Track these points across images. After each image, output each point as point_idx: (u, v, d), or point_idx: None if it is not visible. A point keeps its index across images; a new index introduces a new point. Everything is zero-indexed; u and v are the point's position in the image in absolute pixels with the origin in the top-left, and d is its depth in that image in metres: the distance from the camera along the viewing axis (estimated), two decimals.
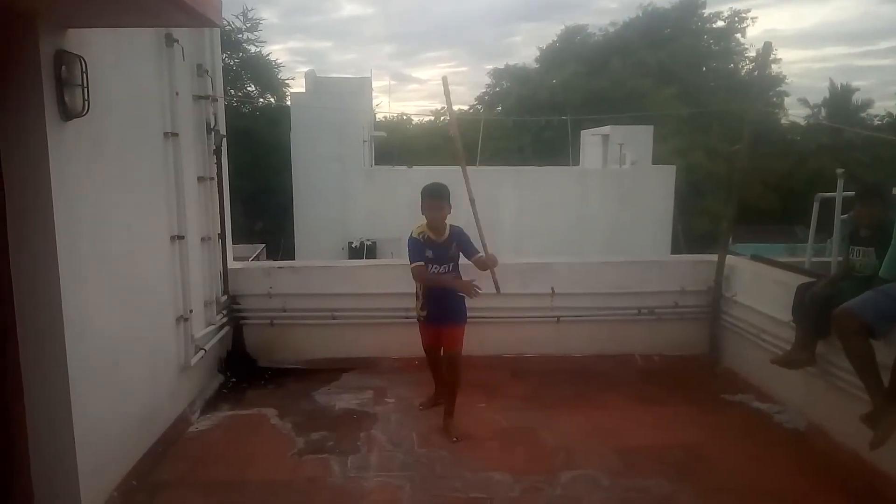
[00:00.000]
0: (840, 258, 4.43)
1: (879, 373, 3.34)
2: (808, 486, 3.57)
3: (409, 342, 4.80)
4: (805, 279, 4.39)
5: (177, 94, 4.23)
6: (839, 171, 6.52)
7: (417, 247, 4.11)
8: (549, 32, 68.48)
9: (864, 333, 3.40)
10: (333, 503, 3.43)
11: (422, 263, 4.10)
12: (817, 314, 3.86)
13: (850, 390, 3.69)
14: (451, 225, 4.20)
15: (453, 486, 3.54)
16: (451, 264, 4.21)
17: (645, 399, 4.82)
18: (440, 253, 4.14)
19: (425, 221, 4.16)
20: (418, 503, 3.41)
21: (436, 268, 4.14)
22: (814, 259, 6.76)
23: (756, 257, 5.65)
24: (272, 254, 17.41)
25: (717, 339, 5.55)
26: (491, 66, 51.71)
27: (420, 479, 3.62)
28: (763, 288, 4.96)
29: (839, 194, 6.15)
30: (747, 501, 3.45)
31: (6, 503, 2.92)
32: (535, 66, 36.12)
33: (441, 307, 4.22)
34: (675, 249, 15.60)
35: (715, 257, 5.56)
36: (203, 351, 4.64)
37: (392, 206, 14.29)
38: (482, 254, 4.23)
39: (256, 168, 20.71)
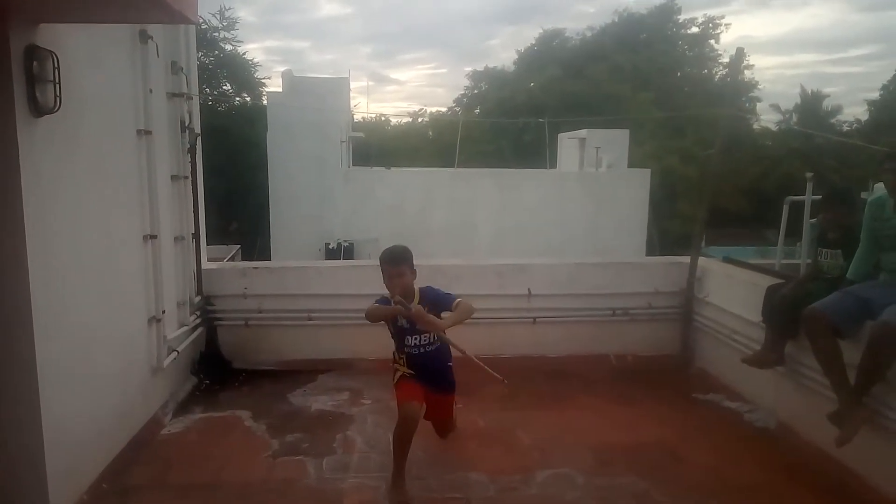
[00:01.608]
0: (809, 260, 4.53)
1: (846, 372, 3.42)
2: (777, 482, 3.64)
3: (386, 343, 4.78)
4: (775, 281, 4.47)
5: (151, 91, 4.17)
6: (808, 175, 6.69)
7: (382, 300, 3.53)
8: (527, 36, 68.96)
9: (831, 333, 3.48)
10: None
11: (377, 305, 3.52)
12: (787, 315, 3.94)
13: (818, 389, 3.78)
14: (420, 288, 3.56)
15: (429, 487, 3.54)
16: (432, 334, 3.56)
17: (619, 398, 4.87)
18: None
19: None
20: None
21: (416, 338, 3.54)
22: (783, 261, 6.92)
23: (728, 259, 5.74)
24: (248, 255, 17.21)
25: (689, 340, 5.63)
26: (470, 69, 51.94)
27: None
28: (734, 289, 5.04)
29: (808, 198, 6.30)
30: (719, 498, 3.49)
31: None
32: (513, 68, 36.35)
33: (430, 375, 3.61)
34: (650, 251, 15.80)
35: (688, 259, 5.65)
36: (176, 352, 4.58)
37: (370, 208, 14.26)
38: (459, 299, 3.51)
39: (232, 168, 20.49)
